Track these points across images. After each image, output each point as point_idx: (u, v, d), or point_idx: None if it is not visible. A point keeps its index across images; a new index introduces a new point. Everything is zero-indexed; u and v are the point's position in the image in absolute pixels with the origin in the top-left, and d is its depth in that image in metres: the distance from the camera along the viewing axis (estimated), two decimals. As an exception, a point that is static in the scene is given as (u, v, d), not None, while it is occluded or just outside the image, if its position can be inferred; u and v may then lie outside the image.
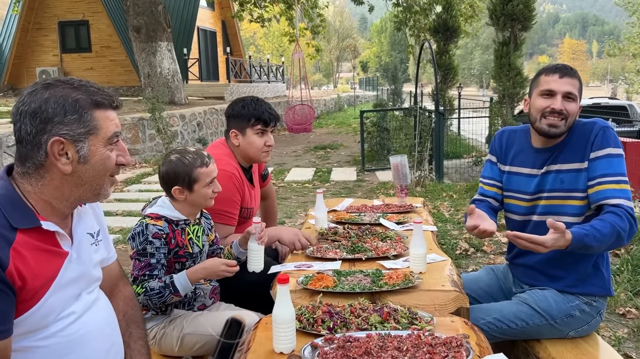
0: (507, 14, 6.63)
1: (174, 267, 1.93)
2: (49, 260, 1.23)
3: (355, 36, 69.08)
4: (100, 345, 1.33)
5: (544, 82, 1.94)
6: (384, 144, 10.08)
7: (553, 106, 1.88)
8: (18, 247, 1.16)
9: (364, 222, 2.57)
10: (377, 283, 1.78)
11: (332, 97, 26.82)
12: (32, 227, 1.20)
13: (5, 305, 1.13)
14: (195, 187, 1.90)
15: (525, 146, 2.07)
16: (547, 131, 1.91)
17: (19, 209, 1.20)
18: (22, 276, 1.15)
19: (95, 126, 1.24)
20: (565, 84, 1.90)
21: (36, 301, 1.19)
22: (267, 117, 2.24)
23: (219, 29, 22.21)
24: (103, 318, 1.37)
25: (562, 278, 1.94)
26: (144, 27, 12.83)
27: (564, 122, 1.89)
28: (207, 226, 2.06)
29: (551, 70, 1.95)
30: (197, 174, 1.89)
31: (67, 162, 1.22)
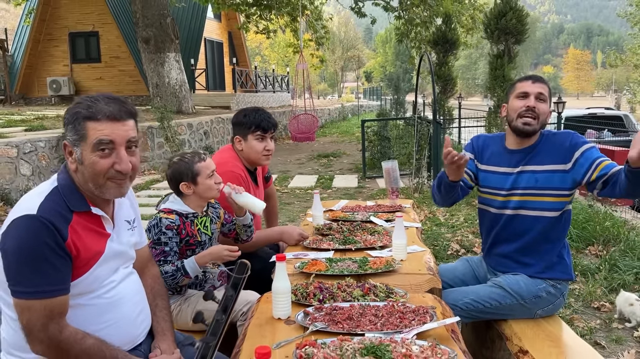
0: (500, 28, 6.94)
1: (186, 254, 2.21)
2: (96, 238, 1.55)
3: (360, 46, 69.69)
4: (132, 308, 1.65)
5: (519, 87, 2.28)
6: (385, 152, 10.38)
7: (527, 104, 2.20)
8: (74, 225, 1.49)
9: (356, 220, 2.87)
10: (363, 267, 2.07)
11: (336, 106, 27.18)
12: (84, 211, 1.53)
13: (65, 268, 1.46)
14: (198, 180, 2.18)
15: (500, 148, 2.37)
16: (522, 129, 2.21)
17: (75, 196, 1.53)
18: (77, 248, 1.47)
19: (84, 134, 1.48)
20: (537, 87, 2.23)
21: (87, 269, 1.52)
22: (265, 124, 2.56)
23: (225, 40, 22.66)
24: (135, 288, 1.69)
25: (531, 265, 2.23)
26: (152, 38, 13.23)
27: (536, 121, 2.20)
28: (215, 215, 2.34)
29: (525, 78, 2.31)
30: (198, 168, 2.18)
31: (72, 161, 1.52)
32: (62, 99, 17.80)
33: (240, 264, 1.21)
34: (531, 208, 2.22)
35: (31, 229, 1.41)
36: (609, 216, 5.17)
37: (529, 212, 2.22)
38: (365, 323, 1.57)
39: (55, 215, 1.44)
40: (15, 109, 14.38)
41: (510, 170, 2.29)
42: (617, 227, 4.83)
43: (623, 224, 5.10)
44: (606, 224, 4.77)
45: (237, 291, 1.19)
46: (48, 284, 1.41)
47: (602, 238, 4.67)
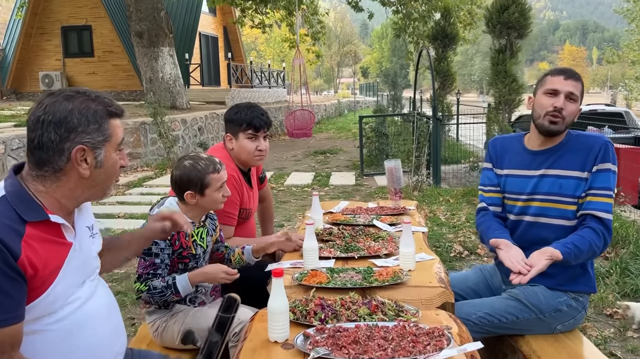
0: (503, 22, 6.75)
1: (177, 267, 2.03)
2: (56, 250, 1.33)
3: (356, 42, 69.36)
4: (104, 327, 1.43)
5: (549, 82, 2.06)
6: (382, 149, 10.20)
7: (555, 104, 2.00)
8: (28, 239, 1.26)
9: (358, 224, 2.68)
10: (368, 279, 1.88)
11: (332, 102, 26.98)
12: (40, 221, 1.30)
13: (17, 292, 1.23)
14: (206, 192, 2.00)
15: (520, 149, 2.17)
16: (548, 128, 2.02)
17: (29, 204, 1.31)
18: (34, 265, 1.25)
19: (110, 134, 1.38)
20: (569, 85, 2.01)
21: (46, 288, 1.29)
22: (258, 122, 2.34)
23: (220, 34, 22.39)
24: (106, 302, 1.48)
25: (552, 276, 2.04)
26: (146, 32, 12.97)
27: (562, 121, 2.01)
28: (212, 227, 2.16)
29: (557, 72, 2.07)
30: (210, 179, 1.99)
31: (86, 167, 1.35)
32: (55, 94, 17.51)
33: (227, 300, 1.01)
34: (553, 216, 2.04)
35: None
36: (616, 217, 5.01)
37: (550, 221, 2.03)
38: (374, 347, 1.39)
39: (4, 230, 1.23)
40: (6, 104, 14.11)
41: (531, 173, 2.10)
42: (625, 228, 4.67)
43: (632, 224, 4.94)
44: (614, 225, 4.59)
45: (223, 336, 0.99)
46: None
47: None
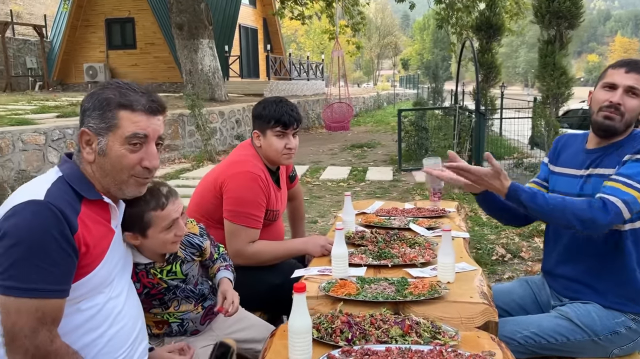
0: (552, 11, 6.37)
1: (152, 305, 1.79)
2: (104, 233, 1.39)
3: (397, 33, 68.43)
4: (130, 328, 1.45)
5: (609, 75, 1.85)
6: (422, 144, 9.91)
7: (612, 99, 1.79)
8: (84, 217, 1.33)
9: (393, 227, 2.51)
10: (401, 292, 1.72)
11: (371, 95, 26.63)
12: (94, 200, 1.37)
13: (68, 266, 1.27)
14: (149, 233, 1.60)
15: (580, 148, 1.97)
16: (602, 123, 1.81)
17: (84, 183, 1.37)
18: (87, 243, 1.31)
19: (115, 124, 1.35)
20: (630, 78, 1.79)
21: (93, 268, 1.34)
22: (287, 119, 2.19)
23: (260, 26, 22.38)
24: (135, 304, 1.51)
25: (606, 292, 1.83)
26: (186, 24, 13.05)
27: (620, 117, 1.79)
28: (190, 253, 1.81)
29: (620, 64, 1.84)
30: (151, 217, 1.58)
31: (90, 151, 1.37)
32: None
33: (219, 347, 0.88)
34: None
35: (37, 215, 1.23)
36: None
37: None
38: (406, 376, 1.23)
39: (65, 203, 1.28)
40: (52, 95, 14.48)
41: (579, 172, 1.89)
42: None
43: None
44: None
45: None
46: (46, 282, 1.22)
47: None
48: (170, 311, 1.81)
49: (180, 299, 1.82)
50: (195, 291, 1.85)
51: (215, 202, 2.16)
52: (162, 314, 1.81)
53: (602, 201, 1.67)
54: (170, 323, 1.82)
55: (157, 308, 1.80)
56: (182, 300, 1.82)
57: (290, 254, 2.24)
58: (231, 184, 2.12)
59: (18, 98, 12.63)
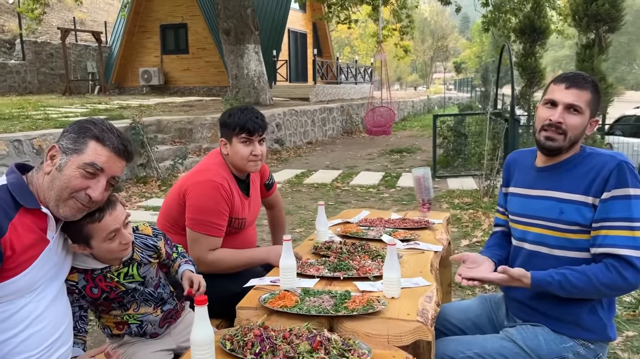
0: (590, 14, 6.07)
1: (111, 307, 1.82)
2: (36, 242, 1.47)
3: (455, 36, 67.08)
4: (50, 329, 1.53)
5: (550, 90, 1.78)
6: (460, 150, 9.71)
7: (551, 117, 1.72)
8: (16, 223, 1.42)
9: (366, 238, 2.49)
10: (337, 306, 1.71)
11: (421, 98, 26.27)
12: (32, 209, 1.47)
13: None
14: (93, 244, 1.64)
15: (529, 166, 1.91)
16: (544, 144, 1.76)
17: (26, 193, 1.49)
18: (13, 247, 1.40)
19: (81, 149, 1.51)
20: (571, 95, 1.71)
21: (17, 273, 1.42)
22: (252, 126, 2.22)
23: (309, 30, 22.57)
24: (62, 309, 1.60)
25: (557, 317, 1.76)
26: (233, 29, 13.37)
27: (563, 136, 1.72)
28: (147, 255, 1.85)
29: (560, 79, 1.77)
30: (90, 230, 1.62)
31: (50, 164, 1.51)
32: (152, 89, 18.64)
33: None
34: (553, 246, 1.73)
35: None
36: None
37: (550, 251, 1.74)
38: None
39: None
40: (107, 98, 15.21)
41: (532, 193, 1.82)
42: None
43: None
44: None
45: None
46: None
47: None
48: (130, 312, 1.87)
49: (139, 302, 1.87)
50: (155, 295, 1.89)
51: (179, 209, 2.22)
52: (121, 315, 1.88)
53: (625, 260, 1.60)
54: (129, 324, 1.89)
55: (117, 310, 1.86)
56: (141, 303, 1.87)
57: (252, 263, 2.26)
58: (193, 192, 2.17)
59: (74, 101, 13.37)
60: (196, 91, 18.62)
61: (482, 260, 1.88)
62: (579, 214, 1.69)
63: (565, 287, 1.66)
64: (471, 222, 5.71)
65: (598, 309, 1.72)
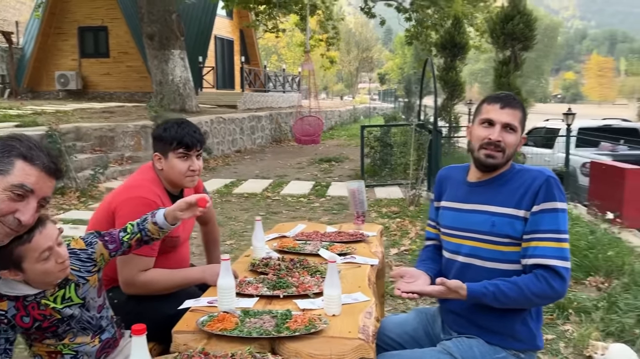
0: (507, 33, 6.48)
1: (44, 336, 1.68)
2: None
3: (378, 47, 69.01)
4: None
5: (485, 111, 1.86)
6: (386, 160, 9.97)
7: (490, 136, 1.80)
8: None
9: (303, 252, 2.47)
10: (279, 327, 1.68)
11: (347, 108, 26.78)
12: None
13: None
14: (25, 267, 1.53)
15: (461, 181, 1.98)
16: (484, 161, 1.83)
17: None
18: None
19: (7, 170, 1.40)
20: (506, 114, 1.81)
21: None
22: (190, 140, 2.15)
23: (236, 37, 22.38)
24: None
25: (491, 329, 1.83)
26: (157, 34, 12.99)
27: (502, 154, 1.81)
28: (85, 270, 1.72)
29: (493, 100, 1.86)
30: (20, 252, 1.51)
31: None
32: (69, 94, 17.68)
33: None
34: (486, 258, 1.81)
35: None
36: (614, 243, 4.71)
37: (484, 263, 1.81)
38: None
39: None
40: (18, 102, 14.23)
41: (465, 207, 1.90)
42: (622, 256, 4.37)
43: (629, 252, 4.63)
44: (609, 254, 4.30)
45: None
46: None
47: (604, 268, 4.22)
48: (65, 342, 1.73)
49: (76, 331, 1.73)
50: (93, 322, 1.76)
51: (108, 227, 2.10)
52: (55, 344, 1.73)
53: (552, 269, 1.69)
54: (63, 354, 1.74)
55: (51, 339, 1.72)
56: (78, 332, 1.74)
57: (187, 283, 2.18)
58: (123, 209, 2.06)
59: (-19, 106, 12.40)
60: (117, 97, 17.88)
61: (418, 274, 1.93)
62: (510, 226, 1.78)
63: (499, 298, 1.73)
64: (399, 231, 5.86)
65: (528, 320, 1.81)
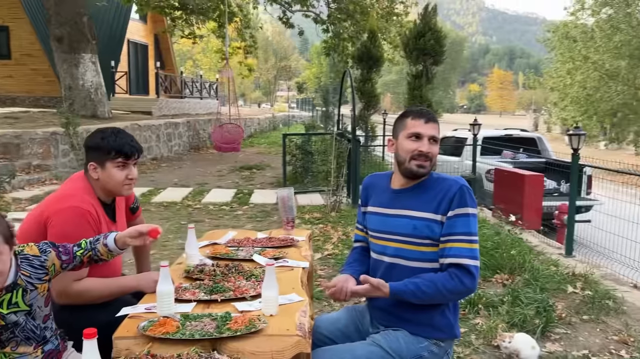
0: (419, 48, 6.92)
1: None
2: None
3: (295, 56, 69.73)
4: None
5: (411, 125, 2.05)
6: (308, 167, 10.17)
7: (421, 149, 2.00)
8: None
9: (237, 258, 2.55)
10: (220, 328, 1.76)
11: (267, 116, 26.85)
12: None
13: None
14: None
15: (385, 187, 2.17)
16: (416, 172, 2.02)
17: None
18: None
19: None
20: (430, 128, 2.03)
21: None
22: (129, 149, 2.18)
23: (151, 42, 21.79)
24: None
25: (413, 321, 2.02)
26: (66, 37, 12.40)
27: (429, 163, 2.02)
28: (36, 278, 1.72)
29: (417, 115, 2.06)
30: None
31: None
32: (-35, 97, 16.36)
33: None
34: (410, 258, 2.01)
35: None
36: (516, 243, 5.17)
37: (408, 263, 2.01)
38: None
39: None
40: None
41: (390, 211, 2.09)
42: (522, 254, 4.81)
43: (529, 251, 5.11)
44: (512, 253, 4.73)
45: None
46: None
47: (508, 266, 4.63)
48: (6, 351, 1.69)
49: (19, 340, 1.71)
50: (37, 331, 1.74)
51: (40, 238, 2.06)
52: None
53: (464, 268, 1.90)
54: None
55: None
56: (21, 341, 1.71)
57: (122, 292, 2.19)
58: (56, 219, 2.04)
59: None
60: (20, 101, 16.77)
61: (345, 279, 2.08)
62: (429, 229, 1.98)
63: (417, 294, 1.93)
64: (322, 236, 6.04)
65: (446, 312, 2.02)
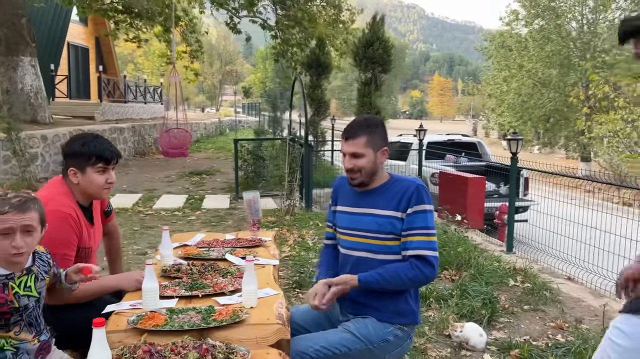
0: (368, 56, 7.22)
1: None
2: None
3: (239, 61, 69.33)
4: None
5: (341, 143, 2.31)
6: (259, 172, 10.27)
7: (345, 166, 2.26)
8: None
9: (210, 258, 2.68)
10: (206, 319, 1.90)
11: (213, 121, 26.62)
12: None
13: None
14: None
15: (351, 189, 2.37)
16: (350, 183, 2.29)
17: None
18: None
19: None
20: (350, 146, 2.25)
21: None
22: (109, 155, 2.28)
23: (92, 45, 21.18)
24: None
25: (381, 309, 2.23)
26: (3, 39, 11.94)
27: (359, 174, 2.25)
28: (43, 270, 1.89)
29: (343, 133, 2.31)
30: None
31: None
32: None
33: None
34: (377, 251, 2.22)
35: None
36: (462, 241, 5.51)
37: (377, 256, 2.22)
38: (197, 394, 1.40)
39: None
40: None
41: (356, 210, 2.30)
42: (468, 252, 5.15)
43: (474, 248, 5.46)
44: (459, 250, 5.06)
45: None
46: None
47: (455, 263, 4.95)
48: (10, 335, 1.77)
49: (24, 325, 1.80)
50: (39, 321, 1.85)
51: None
52: None
53: (424, 258, 2.13)
54: (4, 350, 1.78)
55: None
56: (24, 326, 1.80)
57: (103, 291, 2.27)
58: (39, 223, 2.11)
59: None
60: (-50, 105, 15.89)
61: (320, 287, 2.24)
62: (391, 225, 2.20)
63: (382, 284, 2.16)
64: (278, 239, 6.19)
65: (409, 300, 2.25)
